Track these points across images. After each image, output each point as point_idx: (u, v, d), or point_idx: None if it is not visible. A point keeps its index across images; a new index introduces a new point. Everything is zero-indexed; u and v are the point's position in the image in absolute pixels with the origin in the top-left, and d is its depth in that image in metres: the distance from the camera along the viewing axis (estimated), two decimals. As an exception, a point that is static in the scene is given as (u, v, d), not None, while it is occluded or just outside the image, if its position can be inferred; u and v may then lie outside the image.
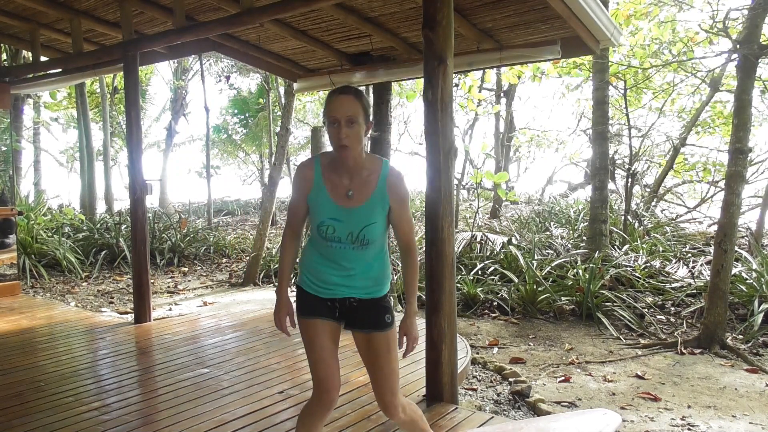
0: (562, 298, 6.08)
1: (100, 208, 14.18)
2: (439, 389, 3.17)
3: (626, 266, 6.86)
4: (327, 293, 2.17)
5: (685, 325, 5.51)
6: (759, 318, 5.20)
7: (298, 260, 2.35)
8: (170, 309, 6.56)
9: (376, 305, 2.18)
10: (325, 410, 2.16)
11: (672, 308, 5.95)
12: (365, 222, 2.09)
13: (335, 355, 2.20)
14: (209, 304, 6.84)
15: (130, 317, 5.47)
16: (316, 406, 2.16)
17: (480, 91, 11.81)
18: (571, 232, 10.26)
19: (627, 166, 10.11)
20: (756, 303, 5.39)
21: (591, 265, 6.51)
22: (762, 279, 5.73)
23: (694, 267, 6.95)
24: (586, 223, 9.38)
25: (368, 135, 2.12)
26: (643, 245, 7.95)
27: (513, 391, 3.93)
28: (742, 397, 3.91)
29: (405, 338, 2.18)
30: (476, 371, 4.42)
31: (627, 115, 10.27)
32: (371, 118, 2.12)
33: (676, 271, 6.95)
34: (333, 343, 2.19)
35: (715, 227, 7.87)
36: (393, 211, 2.14)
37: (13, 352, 4.31)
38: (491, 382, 4.22)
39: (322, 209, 2.11)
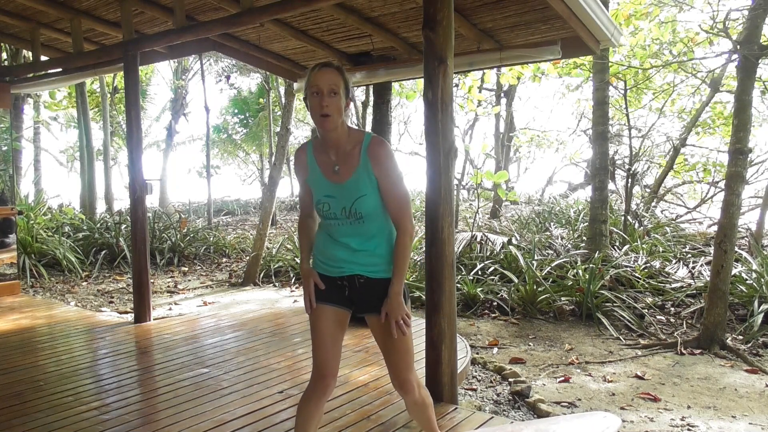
0: (562, 299, 6.08)
1: (100, 207, 14.17)
2: (439, 389, 3.16)
3: (626, 266, 6.86)
4: (335, 271, 2.21)
5: (685, 325, 5.51)
6: (759, 318, 5.20)
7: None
8: (170, 309, 6.56)
9: (385, 286, 2.18)
10: (320, 395, 2.19)
11: (672, 308, 5.95)
12: (355, 195, 2.12)
13: (337, 343, 2.22)
14: (209, 304, 6.84)
15: (130, 317, 5.47)
16: (312, 391, 2.20)
17: (480, 92, 11.80)
18: (571, 232, 10.26)
19: (627, 167, 10.11)
20: (756, 303, 5.39)
21: (591, 265, 6.51)
22: (762, 279, 5.73)
23: (694, 267, 6.95)
24: (586, 224, 9.38)
25: (348, 111, 2.15)
26: (643, 246, 7.95)
27: (513, 392, 3.93)
28: (742, 398, 3.91)
29: (386, 317, 2.15)
30: (476, 371, 4.42)
31: (627, 115, 10.27)
32: (351, 95, 2.15)
33: (676, 272, 6.95)
34: (336, 330, 2.22)
35: (715, 228, 7.87)
36: (379, 182, 2.13)
37: (13, 351, 4.31)
38: (491, 382, 4.22)
39: (318, 188, 2.19)
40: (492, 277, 6.84)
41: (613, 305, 5.81)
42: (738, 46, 5.05)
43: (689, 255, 7.55)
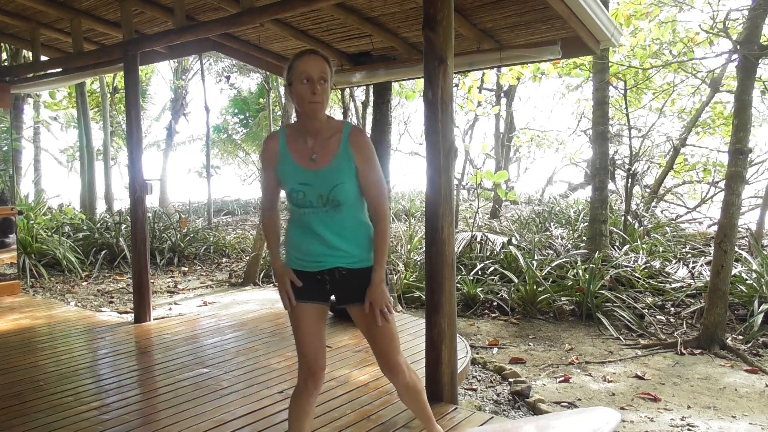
0: (562, 299, 6.08)
1: (100, 207, 14.17)
2: (439, 389, 3.16)
3: (626, 266, 6.86)
4: (314, 266, 2.18)
5: (685, 325, 5.51)
6: (759, 318, 5.20)
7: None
8: (170, 309, 6.56)
9: (367, 275, 2.18)
10: (312, 391, 2.21)
11: (672, 308, 5.95)
12: (333, 182, 2.11)
13: (321, 338, 2.23)
14: (209, 303, 6.84)
15: (130, 317, 5.46)
16: (303, 388, 2.21)
17: (480, 92, 11.81)
18: (571, 232, 10.26)
19: (627, 167, 10.11)
20: (756, 303, 5.39)
21: (591, 265, 6.51)
22: (762, 279, 5.73)
23: (694, 267, 6.95)
24: (586, 224, 9.38)
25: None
26: (643, 246, 7.95)
27: (513, 392, 3.93)
28: (742, 398, 3.91)
29: (370, 306, 2.14)
30: (476, 371, 4.42)
31: (627, 115, 10.27)
32: (332, 83, 2.18)
33: (676, 272, 6.95)
34: (319, 326, 2.22)
35: (715, 228, 7.87)
36: (359, 171, 2.15)
37: (13, 351, 4.31)
38: (491, 382, 4.22)
39: (290, 176, 2.15)
40: (492, 277, 6.84)
41: (613, 305, 5.81)
42: (738, 46, 5.05)
43: (689, 255, 7.55)
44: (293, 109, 2.26)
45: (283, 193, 2.28)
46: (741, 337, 5.13)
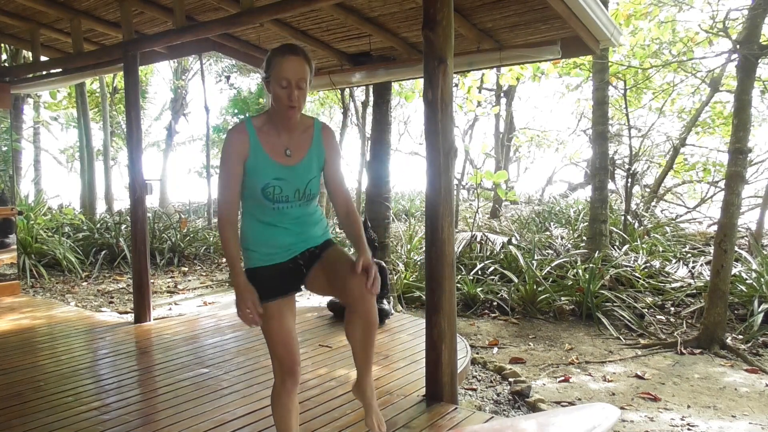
0: (562, 298, 6.08)
1: (100, 207, 14.17)
2: (439, 389, 3.16)
3: (626, 266, 6.86)
4: (285, 255, 2.17)
5: (684, 325, 5.51)
6: (759, 318, 5.20)
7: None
8: (170, 309, 6.56)
9: (327, 243, 2.24)
10: (292, 387, 2.20)
11: (672, 308, 5.95)
12: (308, 177, 2.14)
13: (293, 331, 2.21)
14: (209, 303, 6.84)
15: (130, 317, 5.46)
16: (282, 387, 2.19)
17: (480, 92, 11.80)
18: (571, 232, 10.26)
19: (627, 166, 10.12)
20: (756, 303, 5.39)
21: (591, 265, 6.51)
22: (762, 279, 5.73)
23: (694, 267, 6.96)
24: (586, 223, 9.39)
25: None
26: (643, 245, 7.95)
27: (513, 391, 3.93)
28: (742, 397, 3.92)
29: (365, 271, 1.98)
30: (476, 371, 4.42)
31: (627, 115, 10.28)
32: (312, 77, 2.16)
33: (676, 271, 6.95)
34: (290, 321, 2.21)
35: (715, 227, 7.87)
36: (328, 164, 2.19)
37: (13, 351, 4.31)
38: (491, 382, 4.22)
39: (264, 171, 2.08)
40: (492, 277, 6.84)
41: (613, 305, 5.82)
42: (738, 46, 5.06)
43: (689, 255, 7.56)
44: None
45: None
46: (741, 336, 5.13)
